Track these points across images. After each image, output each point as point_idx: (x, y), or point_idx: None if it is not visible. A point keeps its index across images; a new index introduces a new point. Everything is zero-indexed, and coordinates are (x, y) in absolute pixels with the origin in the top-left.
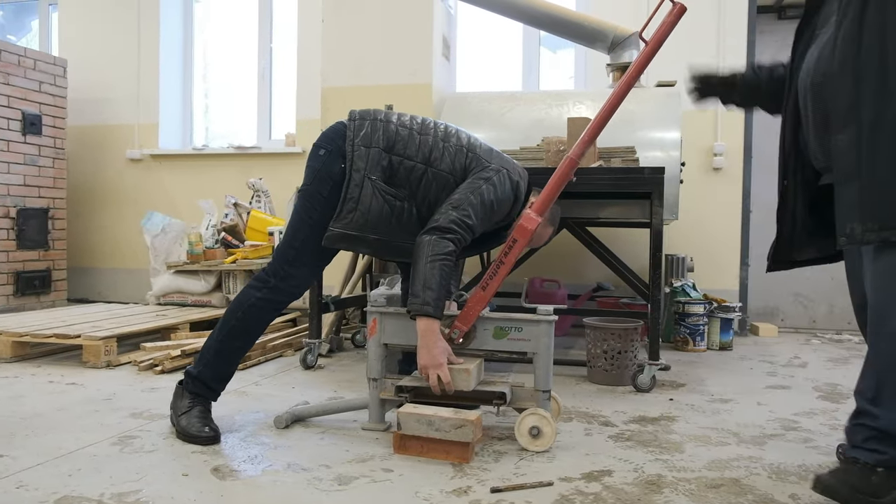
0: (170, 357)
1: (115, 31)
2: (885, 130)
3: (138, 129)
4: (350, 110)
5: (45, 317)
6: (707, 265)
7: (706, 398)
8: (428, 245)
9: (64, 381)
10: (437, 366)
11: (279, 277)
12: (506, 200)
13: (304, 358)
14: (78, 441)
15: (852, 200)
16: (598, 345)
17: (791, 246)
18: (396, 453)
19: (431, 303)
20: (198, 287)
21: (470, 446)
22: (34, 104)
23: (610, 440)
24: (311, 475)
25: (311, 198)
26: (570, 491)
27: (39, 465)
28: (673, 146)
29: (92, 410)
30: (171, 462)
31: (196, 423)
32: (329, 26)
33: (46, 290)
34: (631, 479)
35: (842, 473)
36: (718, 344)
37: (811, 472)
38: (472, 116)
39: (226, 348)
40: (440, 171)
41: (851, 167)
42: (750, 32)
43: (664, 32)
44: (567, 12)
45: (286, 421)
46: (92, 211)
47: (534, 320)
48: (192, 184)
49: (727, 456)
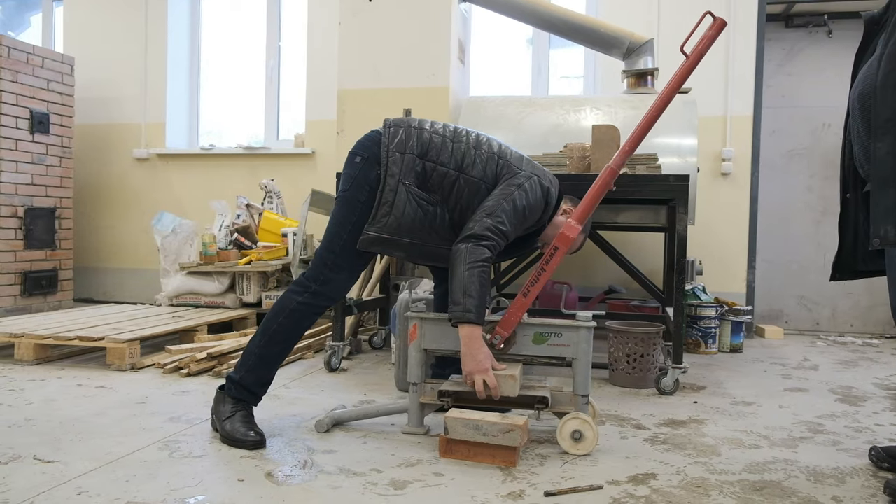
0: (195, 360)
1: (122, 28)
2: None
3: (145, 128)
4: (385, 118)
5: (62, 318)
6: (715, 268)
7: (729, 401)
8: (465, 253)
9: (92, 384)
10: (483, 371)
11: (319, 282)
12: (537, 206)
13: (328, 361)
14: (124, 446)
15: (888, 205)
16: (620, 348)
17: (854, 256)
18: (442, 457)
19: (473, 310)
20: (211, 288)
21: (517, 451)
22: (42, 102)
23: (646, 443)
24: (364, 480)
25: (348, 204)
26: (621, 494)
27: (93, 470)
28: (690, 152)
29: (129, 415)
30: (224, 467)
31: (241, 428)
32: (346, 29)
33: (53, 290)
34: (676, 482)
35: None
36: (729, 346)
37: (846, 474)
38: (489, 121)
39: (267, 353)
40: (472, 178)
41: (888, 173)
42: (759, 40)
43: (705, 46)
44: (584, 19)
45: (327, 425)
46: (98, 210)
47: (573, 326)
48: (200, 184)
49: (763, 459)
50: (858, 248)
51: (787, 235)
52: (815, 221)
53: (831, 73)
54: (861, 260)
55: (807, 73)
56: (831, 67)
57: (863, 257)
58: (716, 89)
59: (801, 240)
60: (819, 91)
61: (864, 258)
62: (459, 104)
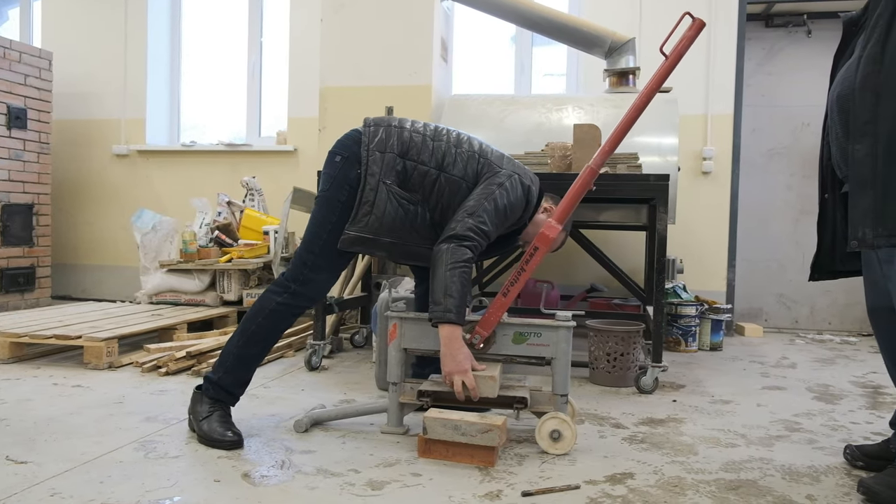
0: (173, 358)
1: (102, 23)
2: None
3: (125, 124)
4: (365, 118)
5: (39, 316)
6: (695, 267)
7: (707, 399)
8: (447, 253)
9: (68, 383)
10: (463, 372)
11: (299, 282)
12: (518, 205)
13: (308, 359)
14: (100, 446)
15: (866, 207)
16: (600, 347)
17: (832, 256)
18: (421, 457)
19: (453, 310)
20: (192, 286)
21: (495, 450)
22: (19, 97)
23: (625, 442)
24: (342, 480)
25: (329, 203)
26: (598, 494)
27: (67, 471)
28: (671, 151)
29: (106, 414)
30: (200, 468)
31: (218, 428)
32: (327, 26)
33: (31, 288)
34: (653, 482)
35: (885, 477)
36: (709, 344)
37: (821, 473)
38: (471, 119)
39: (246, 354)
40: (453, 176)
41: (867, 176)
42: (739, 39)
43: (684, 47)
44: (566, 17)
45: (306, 425)
46: (77, 207)
47: (553, 326)
48: (180, 181)
49: (739, 457)
50: (837, 248)
51: (767, 234)
52: (795, 220)
53: (811, 72)
54: (839, 260)
55: (786, 73)
56: (811, 67)
57: (841, 258)
58: (696, 88)
59: (780, 238)
60: (799, 90)
61: (842, 259)
62: (442, 102)
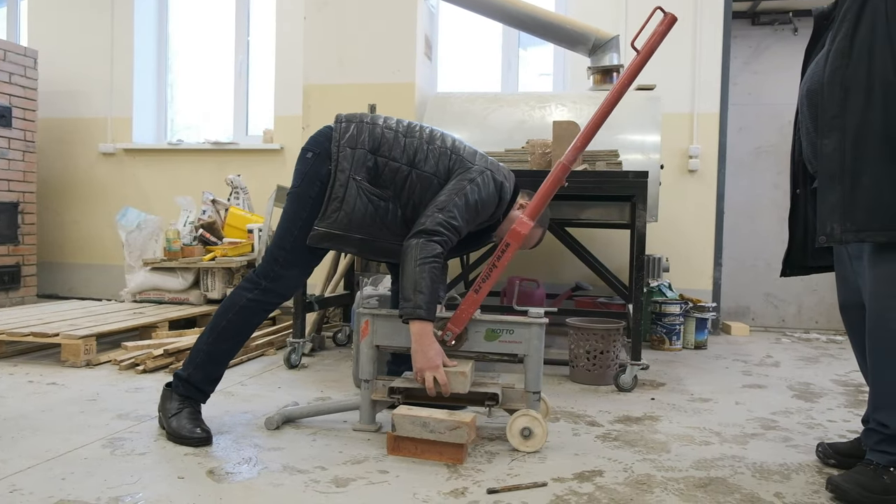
0: (151, 356)
1: (88, 21)
2: (868, 140)
3: (111, 122)
4: (336, 114)
5: (19, 314)
6: (681, 265)
7: (686, 397)
8: (416, 248)
9: (44, 380)
10: (434, 368)
11: (270, 279)
12: (490, 201)
13: (288, 357)
14: (67, 443)
15: (834, 202)
16: (580, 345)
17: (804, 252)
18: (390, 454)
19: (423, 306)
20: (175, 284)
21: (464, 448)
22: (4, 96)
23: (598, 440)
24: (307, 477)
25: (299, 200)
26: (565, 491)
27: (31, 468)
28: (653, 149)
29: (77, 412)
30: (165, 464)
31: (187, 425)
32: (311, 23)
33: (16, 286)
34: (622, 479)
35: (854, 474)
36: (694, 343)
37: (792, 470)
38: (455, 117)
39: (216, 350)
40: (424, 173)
41: (835, 171)
42: (725, 37)
43: (655, 42)
44: (550, 15)
45: (277, 422)
46: (63, 205)
47: (525, 323)
48: (167, 179)
49: (712, 455)
50: (808, 243)
51: (754, 232)
52: (782, 219)
53: (798, 70)
54: (811, 256)
55: (773, 71)
56: (798, 65)
57: (812, 253)
58: (682, 86)
59: (767, 237)
60: (785, 88)
61: (813, 254)
62: (426, 100)
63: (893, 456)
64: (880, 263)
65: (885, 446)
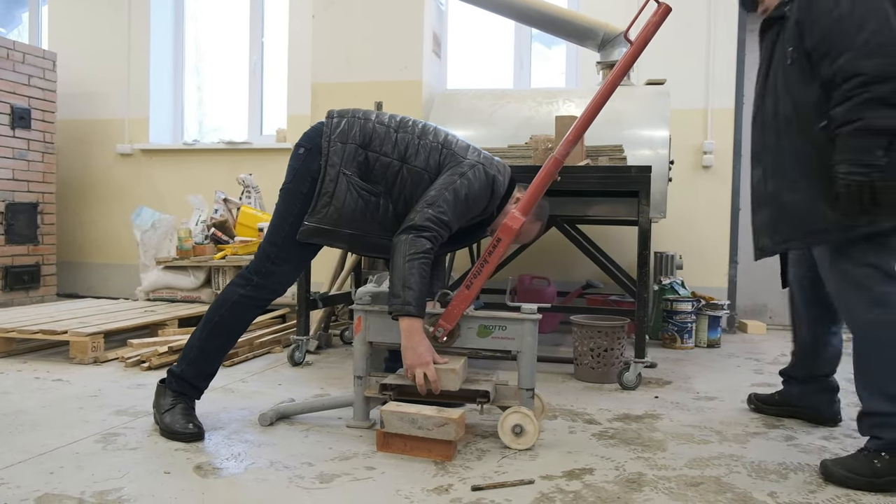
0: (157, 353)
1: (105, 24)
2: (779, 174)
3: (128, 123)
4: (329, 110)
5: (32, 312)
6: (696, 263)
7: (691, 396)
8: (405, 244)
9: (50, 377)
10: (424, 364)
11: (262, 275)
12: (482, 195)
13: (291, 355)
14: (62, 438)
15: (763, 221)
16: (584, 342)
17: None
18: (380, 451)
19: (413, 302)
20: (187, 283)
21: (452, 444)
22: (23, 98)
23: (593, 438)
24: (293, 473)
25: (291, 195)
26: (551, 489)
27: (22, 462)
28: (661, 144)
29: (77, 408)
30: (155, 459)
31: (180, 420)
32: (319, 22)
33: (35, 285)
34: (612, 478)
35: (847, 458)
36: (706, 341)
37: (791, 470)
38: (461, 114)
39: (208, 346)
40: (415, 168)
41: (761, 198)
42: (740, 31)
43: (649, 33)
44: (557, 10)
45: (271, 418)
46: (82, 206)
47: (518, 319)
48: (182, 179)
49: (709, 454)
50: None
51: None
52: None
53: None
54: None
55: None
56: None
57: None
58: (696, 82)
59: None
60: None
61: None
62: (434, 97)
63: (882, 441)
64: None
65: (877, 431)
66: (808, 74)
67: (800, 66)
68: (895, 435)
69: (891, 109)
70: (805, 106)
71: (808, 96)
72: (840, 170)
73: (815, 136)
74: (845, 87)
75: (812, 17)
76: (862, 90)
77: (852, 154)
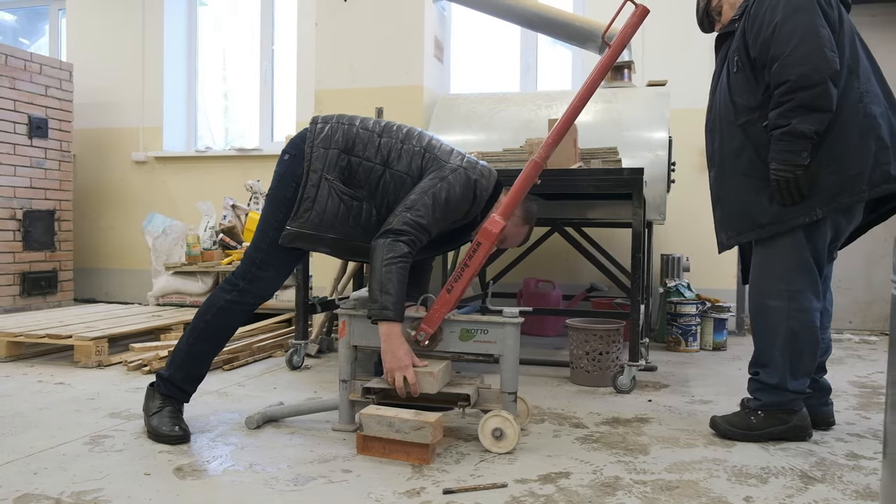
0: (158, 357)
1: (120, 35)
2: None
3: (143, 132)
4: (313, 116)
5: (43, 317)
6: (704, 264)
7: (686, 399)
8: (382, 248)
9: (53, 380)
10: (403, 368)
11: (247, 280)
12: (463, 199)
13: (289, 359)
14: (52, 440)
15: (719, 218)
16: (580, 346)
17: None
18: (359, 454)
19: (391, 307)
20: (195, 288)
21: (429, 448)
22: (40, 108)
23: (577, 442)
24: (269, 475)
25: (275, 201)
26: (523, 493)
27: (8, 463)
28: (660, 146)
29: (73, 410)
30: (137, 461)
31: (167, 423)
32: (322, 29)
33: (53, 291)
34: (587, 482)
35: (731, 415)
36: (712, 344)
37: (773, 474)
38: (461, 118)
39: (195, 350)
40: (397, 172)
41: (716, 196)
42: None
43: (627, 35)
44: (557, 12)
45: (257, 422)
46: (98, 212)
47: (499, 322)
48: (194, 185)
49: (691, 458)
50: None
51: None
52: None
53: None
54: None
55: None
56: None
57: None
58: (700, 82)
59: None
60: None
61: None
62: (436, 102)
63: (760, 402)
64: (756, 255)
65: (758, 394)
66: (753, 81)
67: (744, 74)
68: (769, 399)
69: (816, 114)
70: (746, 111)
71: (750, 101)
72: (771, 167)
73: (756, 137)
74: (777, 93)
75: (755, 29)
76: (790, 96)
77: (782, 154)
